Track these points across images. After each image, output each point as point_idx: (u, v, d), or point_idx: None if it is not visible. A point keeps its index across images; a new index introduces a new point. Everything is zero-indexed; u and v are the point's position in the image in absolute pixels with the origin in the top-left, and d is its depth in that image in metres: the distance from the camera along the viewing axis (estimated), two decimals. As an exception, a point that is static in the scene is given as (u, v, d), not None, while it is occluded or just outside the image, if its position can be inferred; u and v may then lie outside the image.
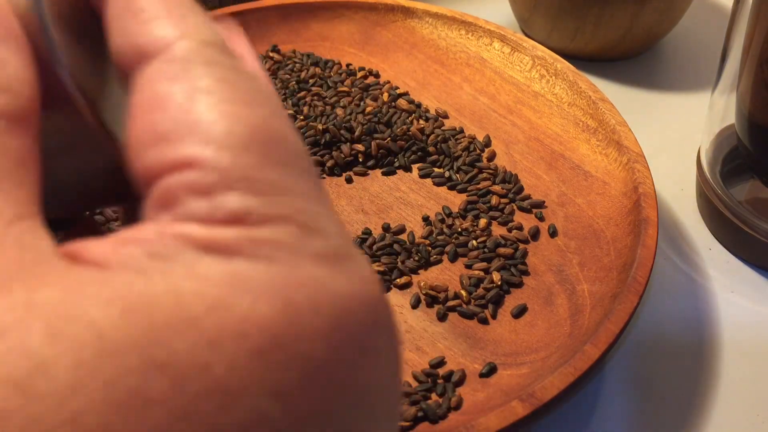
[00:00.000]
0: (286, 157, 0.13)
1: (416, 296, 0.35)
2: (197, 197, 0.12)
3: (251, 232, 0.12)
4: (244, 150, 0.13)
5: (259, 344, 0.11)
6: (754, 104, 0.37)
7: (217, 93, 0.13)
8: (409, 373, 0.32)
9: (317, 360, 0.12)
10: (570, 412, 0.33)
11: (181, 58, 0.14)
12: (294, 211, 0.13)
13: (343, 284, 0.13)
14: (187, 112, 0.13)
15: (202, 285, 0.11)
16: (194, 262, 0.12)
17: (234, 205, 0.12)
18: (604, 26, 0.49)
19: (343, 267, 0.13)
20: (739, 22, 0.37)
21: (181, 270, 0.12)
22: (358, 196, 0.40)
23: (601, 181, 0.39)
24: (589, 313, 0.33)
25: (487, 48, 0.46)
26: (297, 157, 0.14)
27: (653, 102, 0.50)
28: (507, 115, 0.44)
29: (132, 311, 0.11)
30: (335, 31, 0.49)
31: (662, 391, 0.34)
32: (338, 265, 0.13)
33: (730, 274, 0.39)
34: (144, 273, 0.11)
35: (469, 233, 0.37)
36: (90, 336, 0.10)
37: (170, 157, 0.13)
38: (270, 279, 0.12)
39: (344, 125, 0.41)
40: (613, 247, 0.35)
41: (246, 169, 0.13)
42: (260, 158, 0.13)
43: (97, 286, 0.11)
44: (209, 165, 0.13)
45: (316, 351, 0.12)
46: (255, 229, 0.12)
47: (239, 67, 0.14)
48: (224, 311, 0.11)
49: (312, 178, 0.14)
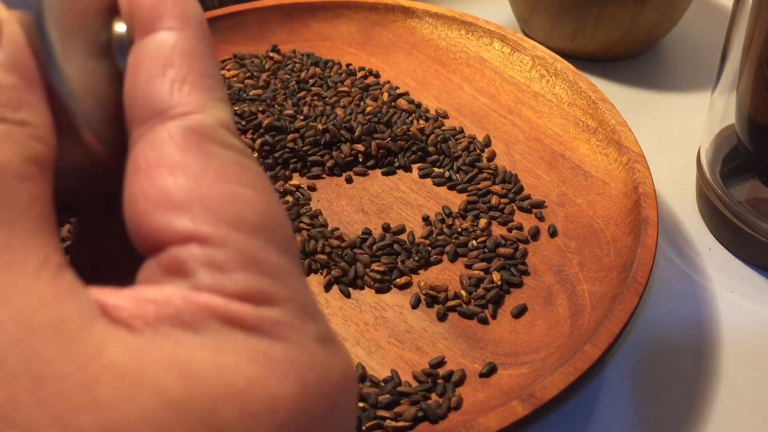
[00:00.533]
0: (284, 243, 0.14)
1: (416, 296, 0.35)
2: (212, 271, 0.13)
3: (263, 311, 0.13)
4: (252, 233, 0.14)
5: (284, 419, 0.13)
6: (754, 104, 0.37)
7: (229, 174, 0.14)
8: (409, 373, 0.32)
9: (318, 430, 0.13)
10: (570, 412, 0.33)
11: (199, 131, 0.14)
12: (295, 294, 0.14)
13: (336, 365, 0.14)
14: (200, 186, 0.14)
15: (237, 360, 0.13)
16: (219, 336, 0.13)
17: (246, 283, 0.13)
18: (604, 26, 0.49)
19: (334, 349, 0.14)
20: (739, 22, 0.37)
21: (213, 344, 0.13)
22: (358, 196, 0.40)
23: (601, 181, 0.39)
24: (589, 313, 0.33)
25: (487, 48, 0.46)
26: (292, 242, 0.15)
27: (653, 102, 0.50)
28: (507, 115, 0.44)
29: (189, 379, 0.12)
30: (335, 31, 0.49)
31: (662, 391, 0.34)
32: (331, 346, 0.14)
33: (730, 274, 0.39)
34: (181, 343, 0.12)
35: (469, 233, 0.37)
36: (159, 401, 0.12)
37: (182, 228, 0.13)
38: (290, 359, 0.13)
39: (344, 125, 0.41)
40: (613, 247, 0.35)
41: (254, 251, 0.14)
42: (265, 242, 0.14)
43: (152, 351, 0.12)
44: (222, 243, 0.13)
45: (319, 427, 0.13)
46: (266, 309, 0.13)
47: (246, 152, 0.15)
48: (259, 387, 0.13)
49: (300, 263, 0.15)
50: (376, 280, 0.35)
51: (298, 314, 0.14)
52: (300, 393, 0.13)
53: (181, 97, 0.15)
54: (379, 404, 0.30)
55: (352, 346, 0.33)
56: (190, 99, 0.15)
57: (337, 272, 0.35)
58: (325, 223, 0.38)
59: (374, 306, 0.34)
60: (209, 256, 0.13)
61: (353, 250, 0.36)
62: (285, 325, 0.13)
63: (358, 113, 0.43)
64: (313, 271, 0.36)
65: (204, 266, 0.13)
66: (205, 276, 0.13)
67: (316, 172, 0.41)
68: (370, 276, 0.35)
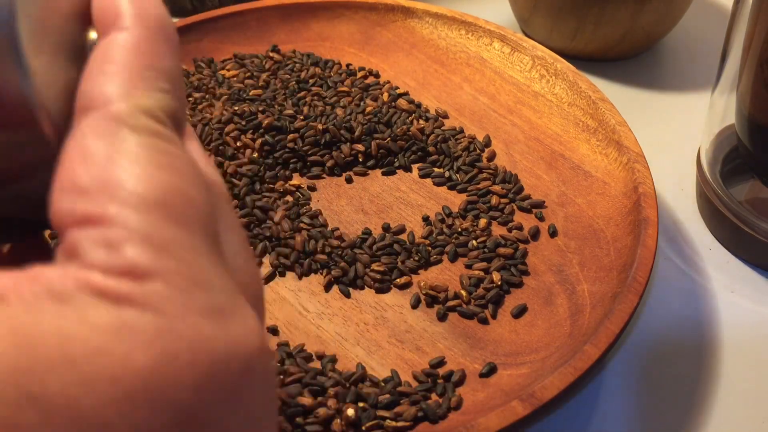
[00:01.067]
0: (187, 219, 0.15)
1: (416, 296, 0.35)
2: (98, 249, 0.14)
3: (144, 284, 0.13)
4: (146, 209, 0.14)
5: (130, 388, 0.12)
6: (754, 104, 0.37)
7: (133, 156, 0.15)
8: (409, 373, 0.32)
9: (186, 407, 0.13)
10: (570, 412, 0.33)
11: (114, 119, 0.15)
12: (185, 268, 0.14)
13: (221, 338, 0.14)
14: (102, 170, 0.14)
15: (88, 330, 0.13)
16: (87, 307, 0.13)
17: (130, 257, 0.14)
18: (604, 26, 0.49)
19: (225, 321, 0.14)
20: (739, 22, 0.37)
21: (73, 314, 0.13)
22: (358, 196, 0.40)
23: (601, 181, 0.39)
24: (589, 313, 0.33)
25: (487, 48, 0.46)
26: (199, 219, 0.15)
27: (653, 102, 0.50)
28: (507, 115, 0.44)
29: (18, 346, 0.12)
30: (335, 31, 0.49)
31: (662, 391, 0.34)
32: (220, 319, 0.14)
33: (730, 274, 0.39)
34: (39, 311, 0.13)
35: (469, 233, 0.37)
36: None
37: (81, 211, 0.14)
38: (153, 329, 0.13)
39: (344, 125, 0.41)
40: (613, 247, 0.35)
41: (146, 227, 0.14)
42: (161, 218, 0.14)
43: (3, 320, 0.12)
44: (113, 221, 0.14)
45: (186, 399, 0.13)
46: (148, 282, 0.13)
47: (163, 134, 0.15)
48: (103, 356, 0.12)
49: (210, 239, 0.15)
50: (376, 280, 0.35)
51: (181, 286, 0.14)
52: (156, 362, 0.13)
53: (109, 89, 0.15)
54: (379, 404, 0.30)
55: (352, 346, 0.33)
56: (118, 91, 0.15)
57: (337, 272, 0.35)
58: (325, 223, 0.38)
59: (374, 306, 0.34)
60: (101, 235, 0.14)
61: (353, 250, 0.36)
62: (162, 297, 0.13)
63: (358, 113, 0.43)
64: (313, 271, 0.36)
65: (94, 245, 0.14)
66: (93, 254, 0.14)
67: (316, 172, 0.41)
68: (370, 276, 0.35)
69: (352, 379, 0.31)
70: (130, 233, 0.14)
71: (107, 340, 0.13)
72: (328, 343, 0.33)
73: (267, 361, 0.15)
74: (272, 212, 0.38)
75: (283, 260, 0.36)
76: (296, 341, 0.33)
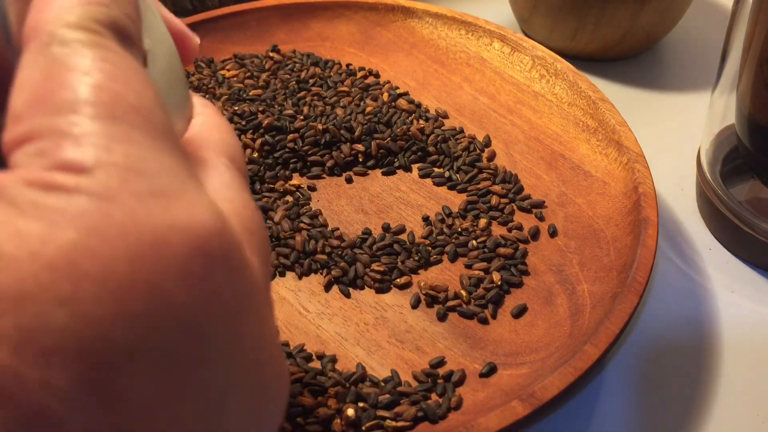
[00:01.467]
0: (127, 113, 0.15)
1: (416, 296, 0.35)
2: (34, 158, 0.14)
3: (78, 176, 0.14)
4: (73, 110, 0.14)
5: (51, 260, 0.13)
6: (754, 104, 0.37)
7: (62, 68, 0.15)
8: (409, 373, 0.32)
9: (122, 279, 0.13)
10: (570, 412, 0.33)
11: (41, 40, 0.15)
12: (120, 158, 0.14)
13: (159, 216, 0.14)
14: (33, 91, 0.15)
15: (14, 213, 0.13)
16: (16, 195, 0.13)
17: (62, 156, 0.14)
18: (604, 26, 0.49)
19: (167, 203, 0.14)
20: (739, 22, 0.37)
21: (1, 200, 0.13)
22: (358, 196, 0.40)
23: (601, 181, 0.39)
24: (589, 313, 0.33)
25: (487, 48, 0.46)
26: (140, 112, 0.15)
27: (653, 102, 0.50)
28: (507, 115, 0.44)
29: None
30: (335, 31, 0.49)
31: (662, 391, 0.34)
32: (161, 200, 0.14)
33: (730, 274, 0.39)
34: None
35: (469, 233, 0.37)
36: None
37: (18, 134, 0.14)
38: (80, 209, 0.13)
39: (344, 125, 0.41)
40: (613, 247, 0.35)
41: (76, 128, 0.14)
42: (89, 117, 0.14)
43: None
44: (44, 132, 0.14)
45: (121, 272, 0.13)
46: (82, 175, 0.14)
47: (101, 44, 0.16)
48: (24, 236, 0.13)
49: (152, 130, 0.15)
50: (376, 280, 0.35)
51: (116, 174, 0.14)
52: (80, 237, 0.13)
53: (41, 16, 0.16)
54: (379, 404, 0.30)
55: (352, 346, 0.33)
56: (41, 15, 0.16)
57: (337, 272, 0.35)
58: (325, 223, 0.38)
59: (374, 306, 0.34)
60: (35, 147, 0.14)
61: (353, 250, 0.36)
62: (94, 183, 0.14)
63: (358, 113, 0.43)
64: (313, 271, 0.36)
65: (30, 156, 0.14)
66: (28, 162, 0.14)
67: (316, 172, 0.41)
68: (370, 276, 0.35)
69: (352, 379, 0.31)
70: (61, 137, 0.14)
71: (32, 221, 0.13)
72: (328, 343, 0.33)
73: (228, 246, 0.15)
74: (272, 212, 0.38)
75: (283, 260, 0.36)
76: (296, 341, 0.33)
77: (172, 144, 0.16)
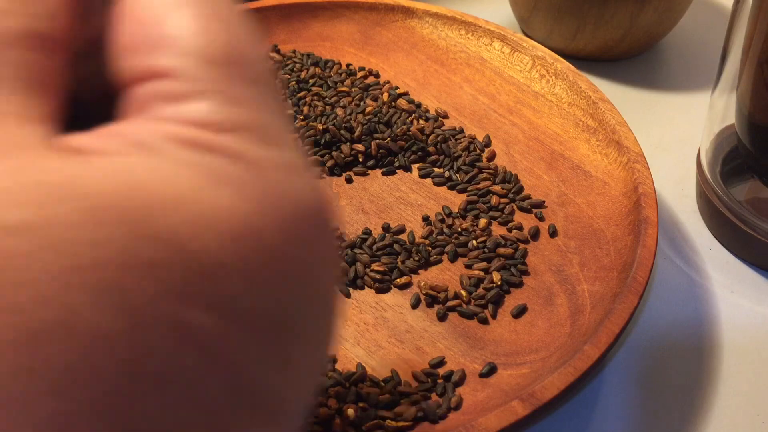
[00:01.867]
0: (252, 75, 0.14)
1: (416, 296, 0.35)
2: (172, 103, 0.13)
3: (222, 136, 0.13)
4: (216, 64, 0.14)
5: (235, 232, 0.12)
6: (754, 104, 0.37)
7: (194, 8, 0.14)
8: (409, 373, 0.32)
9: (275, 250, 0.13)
10: (570, 412, 0.33)
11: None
12: (258, 123, 0.14)
13: (298, 190, 0.14)
14: (163, 23, 0.14)
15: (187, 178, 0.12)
16: (176, 154, 0.13)
17: (206, 111, 0.13)
18: (604, 26, 0.49)
19: (298, 176, 0.14)
20: (739, 22, 0.37)
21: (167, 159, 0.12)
22: (358, 196, 0.40)
23: (601, 181, 0.39)
24: (589, 313, 0.33)
25: (487, 48, 0.46)
26: (262, 75, 0.15)
27: (653, 102, 0.50)
28: (507, 115, 0.44)
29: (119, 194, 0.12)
30: (335, 31, 0.49)
31: (662, 391, 0.34)
32: (293, 174, 0.14)
33: (730, 274, 0.39)
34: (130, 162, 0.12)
35: (469, 233, 0.37)
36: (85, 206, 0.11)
37: (145, 66, 0.14)
38: (244, 178, 0.13)
39: (344, 125, 0.41)
40: (613, 247, 0.35)
41: (218, 81, 0.14)
42: (231, 73, 0.14)
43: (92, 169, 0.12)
44: (183, 74, 0.14)
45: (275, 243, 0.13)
46: (226, 135, 0.13)
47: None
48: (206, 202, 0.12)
49: (274, 96, 0.15)
50: (376, 280, 0.35)
51: (259, 142, 0.14)
52: (257, 208, 0.13)
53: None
54: (379, 404, 0.30)
55: (352, 346, 0.33)
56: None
57: (337, 272, 0.35)
58: (325, 223, 0.38)
59: (374, 306, 0.34)
60: (169, 88, 0.13)
61: (353, 250, 0.36)
62: (244, 149, 0.13)
63: (358, 113, 0.43)
64: (313, 271, 0.36)
65: (165, 99, 0.13)
66: (165, 108, 0.13)
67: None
68: (370, 276, 0.35)
69: (352, 379, 0.31)
70: (200, 87, 0.14)
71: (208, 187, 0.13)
72: (328, 343, 0.33)
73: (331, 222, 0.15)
74: (272, 212, 0.38)
75: (283, 260, 0.36)
76: (296, 341, 0.33)
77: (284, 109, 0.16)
